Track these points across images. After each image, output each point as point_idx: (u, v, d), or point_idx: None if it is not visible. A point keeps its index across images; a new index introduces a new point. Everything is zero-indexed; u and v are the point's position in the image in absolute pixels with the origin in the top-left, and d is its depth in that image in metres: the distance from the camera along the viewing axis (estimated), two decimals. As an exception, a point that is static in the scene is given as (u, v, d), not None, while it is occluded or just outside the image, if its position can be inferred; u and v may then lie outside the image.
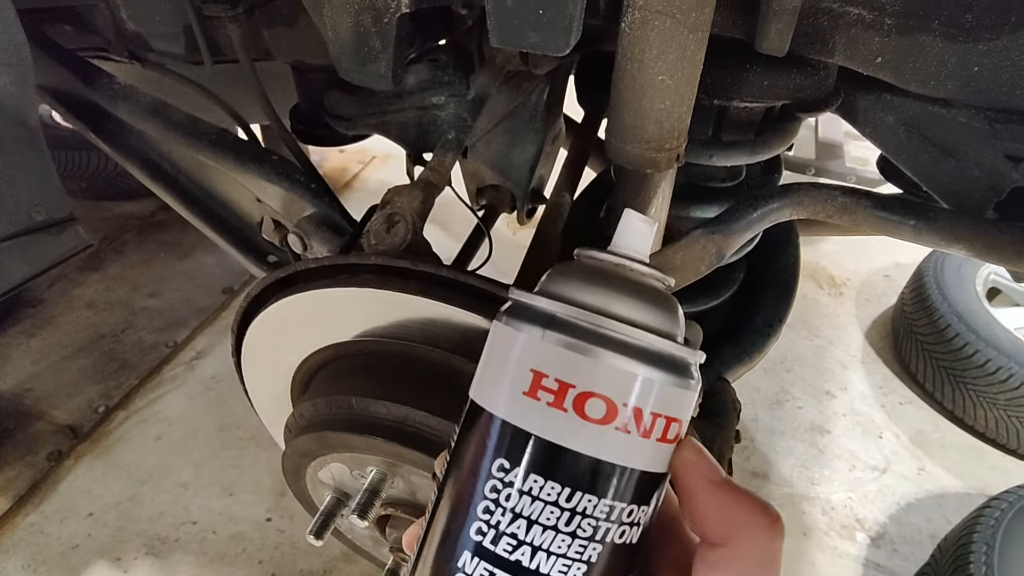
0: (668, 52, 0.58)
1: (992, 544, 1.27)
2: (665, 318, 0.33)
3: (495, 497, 0.31)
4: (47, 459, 1.69)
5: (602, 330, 0.31)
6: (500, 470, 0.31)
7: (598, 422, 0.30)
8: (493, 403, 0.32)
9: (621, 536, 0.31)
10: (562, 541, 0.30)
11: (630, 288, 0.33)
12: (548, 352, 0.31)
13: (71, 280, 2.20)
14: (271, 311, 0.65)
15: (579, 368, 0.30)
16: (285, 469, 0.70)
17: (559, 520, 0.30)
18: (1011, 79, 0.62)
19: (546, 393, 0.30)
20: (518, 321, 0.33)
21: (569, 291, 0.33)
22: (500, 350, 0.33)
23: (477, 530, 0.31)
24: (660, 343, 0.31)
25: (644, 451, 0.31)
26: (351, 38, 0.73)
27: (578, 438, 0.30)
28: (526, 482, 0.30)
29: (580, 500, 0.30)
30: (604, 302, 0.32)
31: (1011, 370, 1.68)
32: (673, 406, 0.32)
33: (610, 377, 0.30)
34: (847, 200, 0.65)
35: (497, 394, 0.32)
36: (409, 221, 0.68)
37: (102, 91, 0.94)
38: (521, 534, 0.30)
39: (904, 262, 2.37)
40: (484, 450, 0.32)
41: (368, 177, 2.82)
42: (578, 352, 0.30)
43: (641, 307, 0.32)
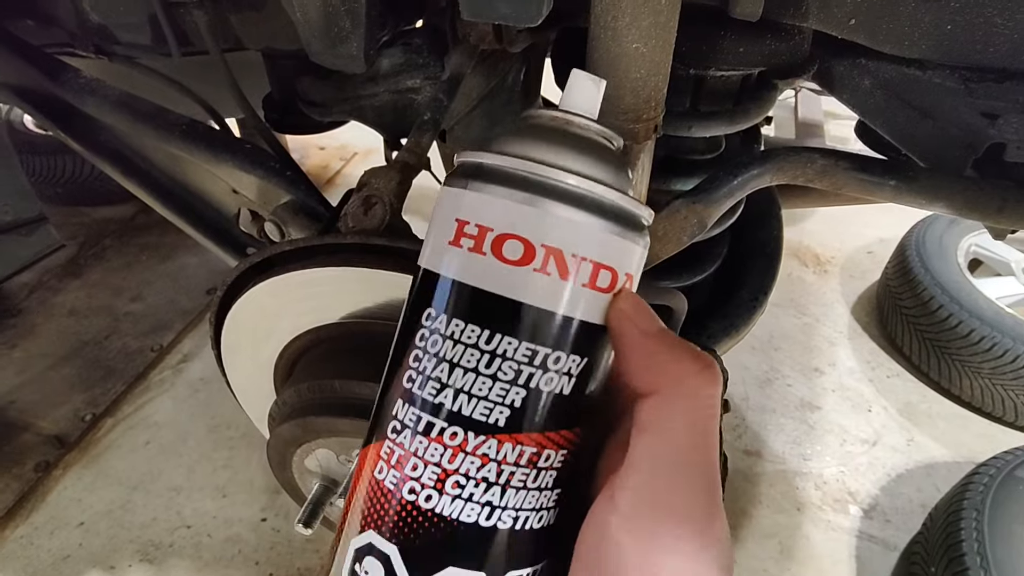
0: (641, 19, 0.58)
1: (981, 510, 1.28)
2: (599, 167, 0.32)
3: (422, 345, 0.31)
4: (34, 470, 1.66)
5: (522, 173, 0.31)
6: (427, 318, 0.31)
7: (515, 263, 0.30)
8: (425, 260, 0.33)
9: (548, 383, 0.31)
10: (482, 384, 0.30)
11: (562, 138, 0.32)
12: (470, 200, 0.31)
13: (51, 288, 2.16)
14: (249, 297, 0.64)
15: (497, 211, 0.30)
16: (271, 459, 0.69)
17: (479, 362, 0.30)
18: (984, 37, 0.62)
19: (467, 239, 0.31)
20: (452, 178, 0.33)
21: (503, 145, 0.33)
22: (436, 210, 0.34)
23: (408, 377, 0.32)
24: (585, 184, 0.31)
25: (567, 296, 0.30)
26: (320, 19, 0.72)
27: (496, 280, 0.30)
28: (448, 326, 0.31)
29: (500, 342, 0.30)
30: (534, 151, 0.31)
31: (994, 339, 1.70)
32: (604, 253, 0.31)
33: (526, 218, 0.30)
34: (826, 163, 0.65)
35: (428, 251, 0.33)
36: (386, 202, 0.67)
37: (68, 86, 0.92)
38: (444, 377, 0.30)
39: (887, 238, 2.39)
40: (416, 302, 0.33)
41: (350, 174, 2.79)
42: (496, 196, 0.31)
43: (570, 154, 0.32)
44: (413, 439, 0.31)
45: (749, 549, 1.52)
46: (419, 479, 0.31)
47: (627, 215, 0.32)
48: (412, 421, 0.31)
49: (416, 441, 0.31)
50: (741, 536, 1.54)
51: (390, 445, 0.32)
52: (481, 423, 0.30)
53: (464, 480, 0.30)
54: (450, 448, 0.30)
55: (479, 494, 0.30)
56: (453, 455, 0.30)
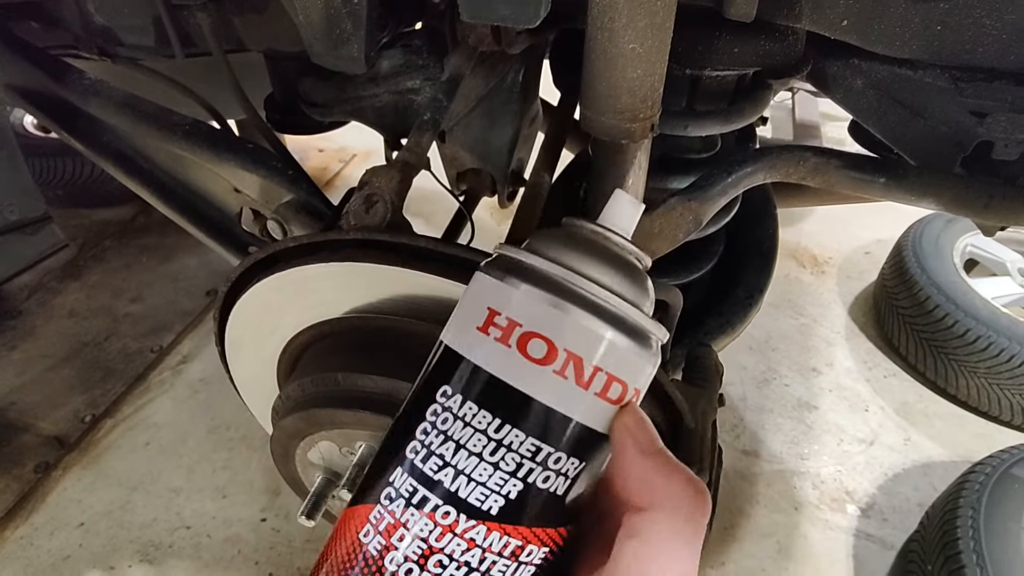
0: (637, 19, 0.59)
1: (978, 508, 1.29)
2: (628, 286, 0.34)
3: (433, 419, 0.33)
4: (34, 471, 1.66)
5: (559, 280, 0.33)
6: (443, 395, 0.33)
7: (537, 362, 0.31)
8: (451, 338, 0.34)
9: (545, 481, 0.32)
10: (484, 470, 0.31)
11: (601, 254, 0.35)
12: (505, 293, 0.33)
13: (51, 289, 2.17)
14: (253, 293, 0.65)
15: (528, 309, 0.32)
16: (274, 452, 0.70)
17: (485, 449, 0.31)
18: (973, 37, 0.63)
19: (496, 329, 0.32)
20: (491, 269, 0.35)
21: (544, 248, 0.35)
22: (470, 294, 0.36)
23: (412, 448, 0.33)
24: (614, 301, 0.33)
25: (579, 401, 0.32)
26: (322, 21, 0.73)
27: (516, 374, 0.32)
28: (462, 408, 0.32)
29: (508, 433, 0.31)
30: (571, 260, 0.34)
31: (990, 339, 1.71)
32: (619, 366, 0.33)
33: (555, 322, 0.32)
34: (818, 160, 0.66)
35: (456, 330, 0.35)
36: (388, 200, 0.68)
37: (72, 87, 0.93)
38: (448, 455, 0.32)
39: (884, 238, 2.41)
40: (434, 377, 0.34)
41: (349, 175, 2.80)
42: (533, 297, 0.32)
43: (606, 270, 0.34)
44: (405, 510, 0.32)
45: (747, 548, 1.52)
46: (404, 551, 0.31)
47: (646, 335, 0.34)
48: (408, 492, 0.32)
49: (408, 512, 0.32)
50: (739, 535, 1.55)
51: (381, 510, 0.33)
52: (475, 507, 0.31)
53: (447, 561, 0.31)
54: (440, 526, 0.31)
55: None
56: (442, 534, 0.31)
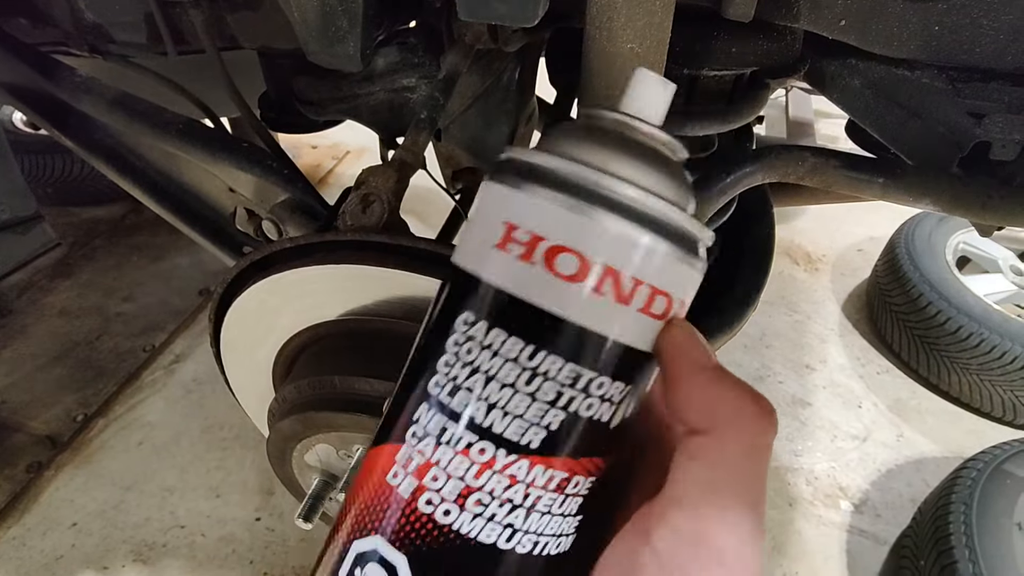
0: (636, 19, 0.59)
1: (970, 504, 1.30)
2: (664, 181, 0.30)
3: (456, 350, 0.29)
4: (26, 471, 1.65)
5: (582, 182, 0.28)
6: (464, 323, 0.29)
7: (568, 278, 0.28)
8: (465, 260, 0.30)
9: (588, 409, 0.29)
10: (520, 401, 0.28)
11: (625, 145, 0.30)
12: (522, 203, 0.29)
13: (41, 288, 2.15)
14: (248, 295, 0.64)
15: (552, 220, 0.28)
16: (270, 455, 0.69)
17: (519, 379, 0.28)
18: (970, 38, 0.63)
19: (516, 245, 0.28)
20: (501, 174, 0.31)
21: (560, 146, 0.30)
22: (480, 207, 0.31)
23: (435, 383, 0.30)
24: (651, 202, 0.28)
25: (619, 319, 0.28)
26: (318, 19, 0.72)
27: (546, 294, 0.28)
28: (487, 336, 0.29)
29: (544, 360, 0.28)
30: (594, 158, 0.29)
31: (983, 336, 1.72)
32: (661, 276, 0.29)
33: (586, 231, 0.28)
34: (817, 161, 0.66)
35: (470, 250, 0.31)
36: (384, 200, 0.68)
37: (64, 85, 0.92)
38: (478, 389, 0.28)
39: (877, 236, 2.42)
40: (452, 305, 0.30)
41: (343, 172, 2.79)
42: (553, 203, 0.28)
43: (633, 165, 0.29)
44: (436, 448, 0.29)
45: (742, 544, 1.53)
46: (439, 491, 0.29)
47: (691, 238, 0.30)
48: (436, 429, 0.29)
49: (440, 451, 0.29)
50: (734, 532, 1.56)
51: (409, 450, 0.30)
52: (513, 442, 0.28)
53: (488, 499, 0.29)
54: (477, 464, 0.29)
55: (502, 515, 0.29)
56: (479, 471, 0.29)
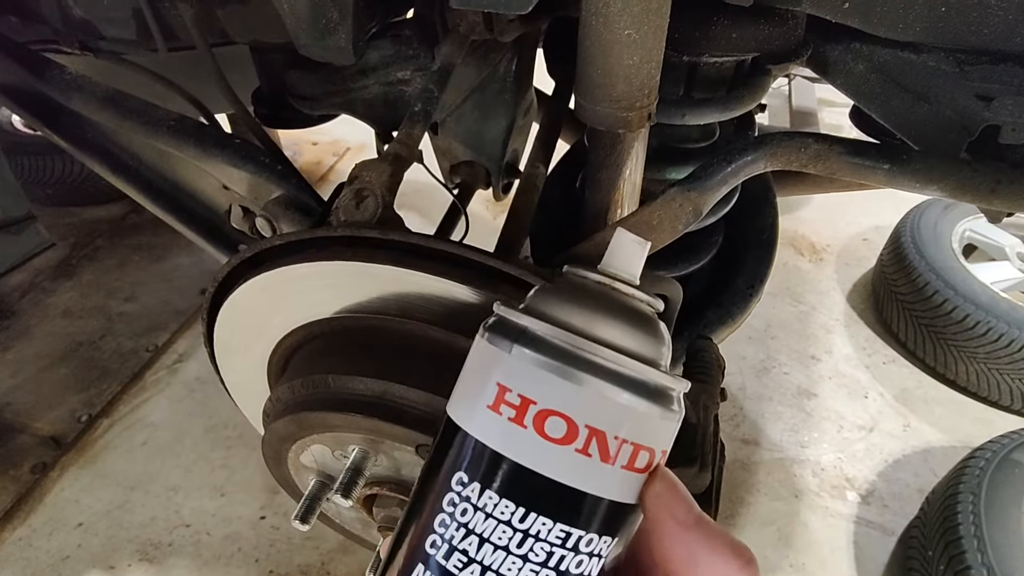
0: (633, 4, 0.57)
1: (978, 494, 1.29)
2: (644, 342, 0.32)
3: (451, 511, 0.30)
4: (31, 472, 1.65)
5: (569, 347, 0.30)
6: (459, 483, 0.30)
7: (557, 442, 0.29)
8: (460, 415, 0.32)
9: (579, 566, 0.30)
10: (512, 563, 0.29)
11: (609, 309, 0.32)
12: (514, 367, 0.31)
13: (44, 289, 2.15)
14: (240, 293, 0.63)
15: (542, 385, 0.30)
16: (266, 456, 0.68)
17: (511, 541, 0.29)
18: (978, 18, 0.61)
19: (508, 408, 0.30)
20: (494, 335, 0.32)
21: (548, 308, 0.32)
22: (474, 363, 0.33)
23: (432, 543, 0.31)
24: (632, 365, 0.30)
25: (607, 477, 0.30)
26: (307, 11, 0.71)
27: (536, 457, 0.29)
28: (481, 498, 0.30)
29: (534, 522, 0.29)
30: (580, 321, 0.31)
31: (989, 324, 1.70)
32: (643, 433, 0.30)
33: (571, 396, 0.29)
34: (820, 147, 0.65)
35: (464, 407, 0.32)
36: (378, 195, 0.66)
37: (54, 83, 0.91)
38: (472, 551, 0.29)
39: (882, 225, 2.40)
40: (447, 463, 0.31)
41: (343, 169, 2.78)
42: (543, 368, 0.30)
43: (618, 328, 0.31)
44: None
45: (748, 537, 1.52)
46: None
47: (668, 394, 0.32)
48: None
49: None
50: (740, 524, 1.55)
51: None
52: None
53: None
54: None
55: None
56: None
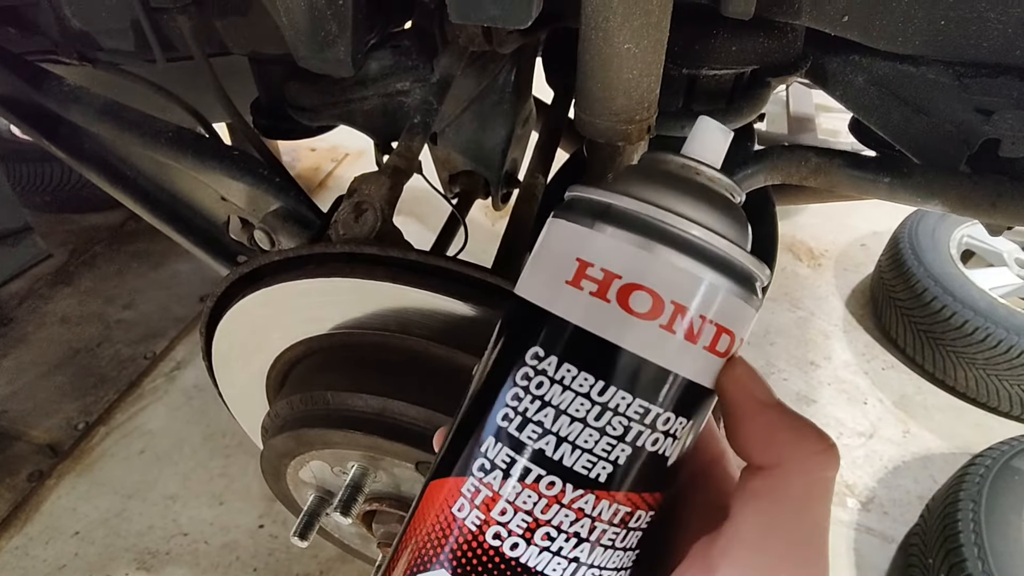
0: (633, 19, 0.57)
1: (978, 500, 1.29)
2: (728, 224, 0.31)
3: (525, 384, 0.30)
4: (28, 480, 1.64)
5: (656, 222, 0.29)
6: (534, 358, 0.30)
7: (642, 316, 0.29)
8: (534, 292, 0.31)
9: (654, 444, 0.29)
10: (589, 435, 0.29)
11: (693, 189, 0.31)
12: (597, 242, 0.30)
13: (41, 296, 2.14)
14: (239, 309, 0.63)
15: (628, 259, 0.29)
16: (264, 471, 0.68)
17: (589, 413, 0.29)
18: (977, 32, 0.61)
19: (590, 282, 0.29)
20: (571, 214, 0.31)
21: (629, 187, 0.31)
22: (548, 243, 0.32)
23: (504, 416, 0.30)
24: (717, 242, 0.29)
25: (689, 356, 0.29)
26: (307, 23, 0.71)
27: (619, 331, 0.29)
28: (559, 371, 0.29)
29: (614, 396, 0.29)
30: (663, 198, 0.30)
31: (988, 330, 1.71)
32: (727, 315, 0.30)
33: (659, 271, 0.29)
34: (821, 161, 0.65)
35: (538, 284, 0.31)
36: (377, 208, 0.66)
37: (52, 94, 0.91)
38: (548, 423, 0.29)
39: (880, 230, 2.40)
40: (519, 338, 0.31)
41: (342, 175, 2.77)
42: (629, 244, 0.29)
43: (702, 208, 0.30)
44: (505, 482, 0.30)
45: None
46: (507, 525, 0.29)
47: (752, 277, 0.31)
48: (505, 463, 0.30)
49: (508, 485, 0.30)
50: (740, 532, 1.54)
51: (475, 483, 0.30)
52: (582, 476, 0.29)
53: (556, 533, 0.29)
54: (545, 497, 0.29)
55: (568, 549, 0.29)
56: (548, 505, 0.29)
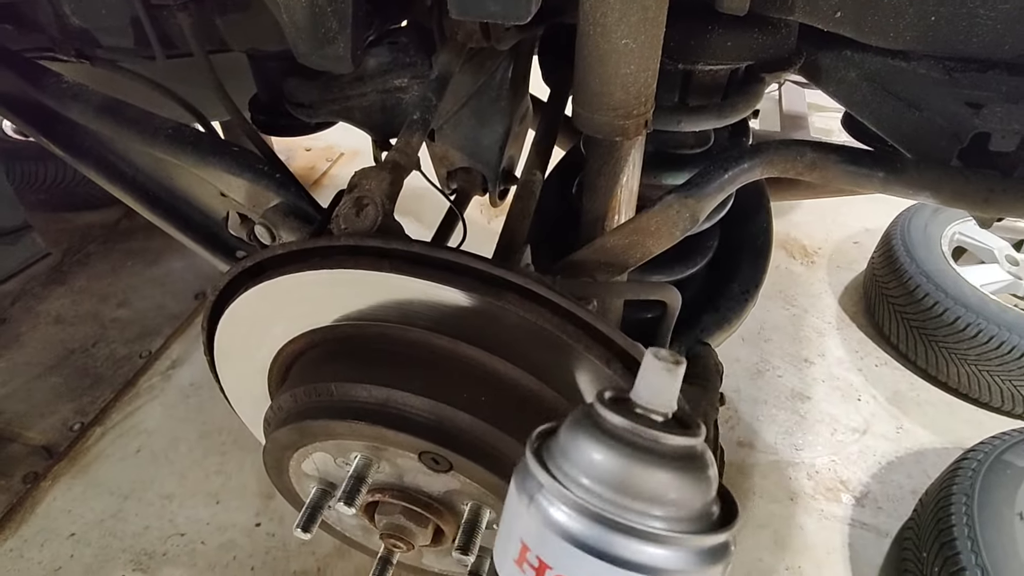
0: (630, 14, 0.58)
1: (971, 494, 1.30)
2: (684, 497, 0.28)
3: None
4: (23, 481, 1.63)
5: (579, 515, 0.28)
6: None
7: None
8: (498, 560, 0.31)
9: None
10: None
11: (638, 461, 0.28)
12: (532, 524, 0.29)
13: (35, 296, 2.13)
14: (241, 302, 0.63)
15: (556, 549, 0.27)
16: (267, 464, 0.68)
17: None
18: (967, 27, 0.63)
19: (529, 569, 0.28)
20: (520, 479, 0.31)
21: (569, 456, 0.29)
22: (508, 507, 0.31)
23: None
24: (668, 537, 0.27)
25: None
26: (307, 20, 0.71)
27: None
28: None
29: None
30: (601, 478, 0.28)
31: (980, 326, 1.72)
32: None
33: (586, 566, 0.27)
34: (816, 155, 0.66)
35: (499, 552, 0.31)
36: (378, 203, 0.67)
37: (51, 92, 0.91)
38: None
39: (872, 228, 2.42)
40: None
41: (337, 174, 2.77)
42: (555, 532, 0.28)
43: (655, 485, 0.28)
44: None
45: (743, 540, 1.53)
46: None
47: (710, 552, 0.28)
48: None
49: None
50: (736, 527, 1.55)
51: None
52: None
53: None
54: None
55: None
56: None
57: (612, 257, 0.74)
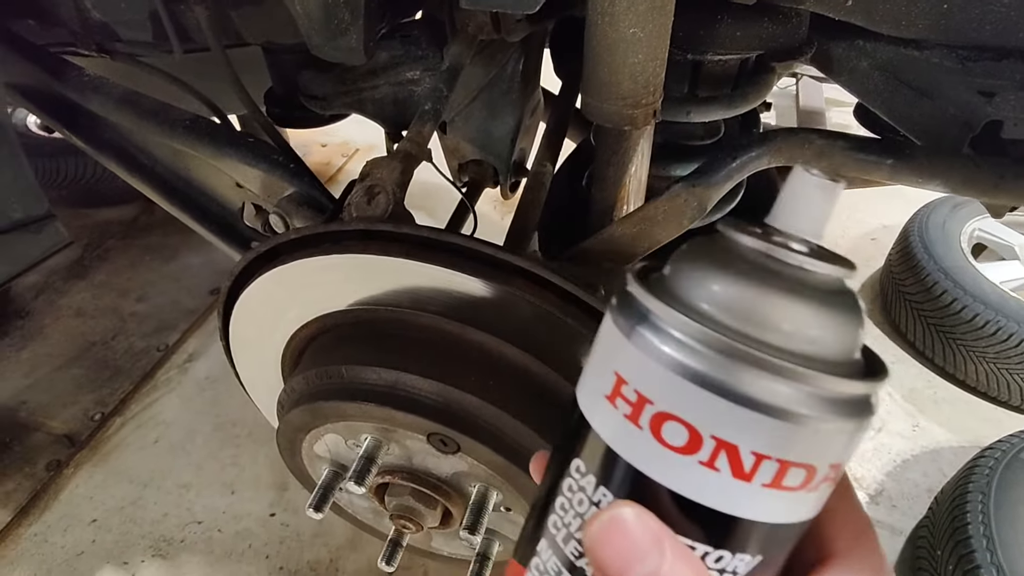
0: (638, 3, 0.58)
1: (987, 493, 1.29)
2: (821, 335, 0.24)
3: (570, 496, 0.28)
4: (46, 469, 1.68)
5: (697, 343, 0.24)
6: (577, 471, 0.28)
7: (677, 450, 0.24)
8: (582, 398, 0.29)
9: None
10: None
11: (778, 293, 0.24)
12: (632, 356, 0.26)
13: (57, 290, 2.18)
14: (256, 287, 0.65)
15: (661, 382, 0.24)
16: (280, 446, 0.70)
17: None
18: (980, 15, 0.62)
19: (624, 403, 0.25)
20: (618, 310, 0.27)
21: (687, 284, 0.26)
22: (600, 341, 0.28)
23: (553, 523, 0.29)
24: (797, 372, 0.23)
25: (740, 495, 0.25)
26: (320, 12, 0.73)
27: (652, 462, 0.25)
28: (595, 493, 0.27)
29: None
30: (728, 308, 0.24)
31: (999, 323, 1.70)
32: (799, 448, 0.24)
33: (697, 400, 0.24)
34: (824, 143, 0.65)
35: (586, 390, 0.28)
36: (389, 192, 0.68)
37: (72, 85, 0.93)
38: None
39: (890, 224, 2.39)
40: (571, 443, 0.29)
41: (353, 170, 2.80)
42: (663, 364, 0.24)
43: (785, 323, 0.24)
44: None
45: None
46: None
47: (848, 403, 0.24)
48: (554, 572, 0.29)
49: None
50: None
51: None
52: None
53: None
54: None
55: None
56: None
57: (620, 246, 0.75)
